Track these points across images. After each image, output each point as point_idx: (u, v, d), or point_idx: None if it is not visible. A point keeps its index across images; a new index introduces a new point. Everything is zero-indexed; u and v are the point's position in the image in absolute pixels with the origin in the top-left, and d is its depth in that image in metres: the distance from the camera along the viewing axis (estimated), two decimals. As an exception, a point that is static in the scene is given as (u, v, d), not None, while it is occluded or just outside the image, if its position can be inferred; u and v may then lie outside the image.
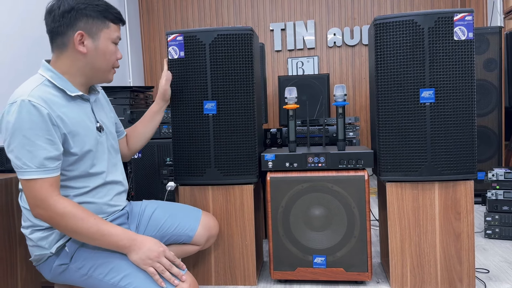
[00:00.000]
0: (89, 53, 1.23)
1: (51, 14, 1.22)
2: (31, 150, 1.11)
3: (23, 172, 1.12)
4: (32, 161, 1.11)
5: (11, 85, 2.43)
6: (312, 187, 1.65)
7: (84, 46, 1.22)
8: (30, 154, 1.11)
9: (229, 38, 1.63)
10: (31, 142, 1.11)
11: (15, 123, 1.11)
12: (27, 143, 1.11)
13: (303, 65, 4.35)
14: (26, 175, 1.12)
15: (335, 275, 1.66)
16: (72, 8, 1.21)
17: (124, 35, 4.22)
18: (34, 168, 1.11)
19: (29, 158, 1.11)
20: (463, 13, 1.51)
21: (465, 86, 1.52)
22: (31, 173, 1.12)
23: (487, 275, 1.73)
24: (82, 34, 1.21)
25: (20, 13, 2.65)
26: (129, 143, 1.56)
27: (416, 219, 1.61)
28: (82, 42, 1.22)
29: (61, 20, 1.21)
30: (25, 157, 1.11)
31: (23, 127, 1.11)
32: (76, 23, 1.21)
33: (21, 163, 1.12)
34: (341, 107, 1.70)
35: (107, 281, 1.18)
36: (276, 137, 2.34)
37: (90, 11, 1.22)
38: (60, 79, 1.22)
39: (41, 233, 1.21)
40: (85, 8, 1.21)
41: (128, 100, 2.89)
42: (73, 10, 1.20)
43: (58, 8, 1.21)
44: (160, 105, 1.59)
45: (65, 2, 1.21)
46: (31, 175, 1.12)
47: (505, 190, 2.15)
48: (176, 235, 1.48)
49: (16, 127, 1.11)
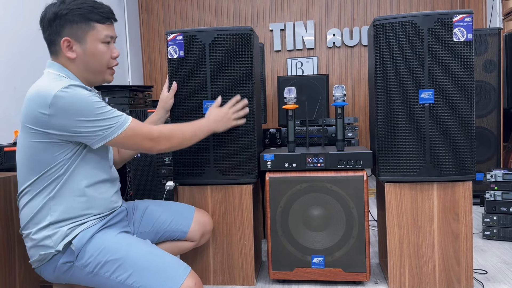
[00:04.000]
0: (78, 57, 1.25)
1: (41, 23, 1.26)
2: (103, 112, 1.18)
3: (116, 128, 1.19)
4: (112, 117, 1.19)
5: (9, 83, 2.42)
6: (311, 187, 1.65)
7: (73, 51, 1.24)
8: (106, 114, 1.18)
9: (229, 38, 1.63)
10: (97, 108, 1.17)
11: (75, 104, 1.14)
12: (96, 111, 1.17)
13: (303, 65, 4.36)
14: (121, 127, 1.20)
15: (333, 275, 1.66)
16: (56, 16, 1.22)
17: (124, 35, 4.22)
18: (120, 118, 1.21)
19: (108, 117, 1.18)
20: (462, 14, 1.51)
21: (464, 87, 1.53)
22: (123, 123, 1.21)
23: (485, 276, 1.74)
24: (68, 41, 1.23)
25: (18, 10, 2.64)
26: (120, 150, 1.56)
27: (414, 219, 1.61)
28: (70, 47, 1.23)
29: (49, 29, 1.24)
30: (104, 120, 1.18)
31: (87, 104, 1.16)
32: (62, 30, 1.23)
33: (105, 126, 1.18)
34: (340, 107, 1.70)
35: (114, 278, 1.18)
36: (275, 137, 2.34)
37: (73, 16, 1.22)
38: (74, 77, 1.25)
39: (46, 231, 1.20)
40: (67, 14, 1.22)
41: (127, 99, 2.89)
42: (56, 17, 1.22)
43: (45, 17, 1.24)
44: (160, 115, 1.62)
45: (50, 10, 1.23)
46: (125, 124, 1.21)
47: (503, 191, 2.16)
48: (170, 231, 1.48)
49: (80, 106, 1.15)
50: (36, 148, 1.18)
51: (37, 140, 1.18)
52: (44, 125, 1.15)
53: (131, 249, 1.21)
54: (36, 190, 1.21)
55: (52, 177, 1.20)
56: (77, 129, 1.16)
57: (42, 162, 1.19)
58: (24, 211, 1.24)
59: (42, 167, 1.19)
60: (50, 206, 1.21)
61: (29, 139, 1.19)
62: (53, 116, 1.14)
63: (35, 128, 1.17)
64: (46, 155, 1.19)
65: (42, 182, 1.20)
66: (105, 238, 1.23)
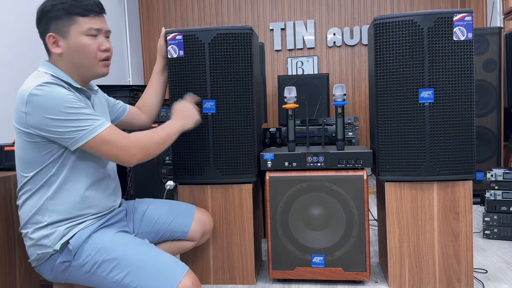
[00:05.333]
0: (64, 52, 1.24)
1: (36, 24, 1.27)
2: (76, 113, 1.15)
3: (89, 131, 1.15)
4: (86, 119, 1.15)
5: (11, 85, 2.42)
6: (311, 186, 1.65)
7: (59, 47, 1.24)
8: (79, 116, 1.15)
9: (229, 37, 1.63)
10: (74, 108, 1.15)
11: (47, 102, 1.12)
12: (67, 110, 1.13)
13: (303, 64, 4.35)
14: (94, 131, 1.16)
15: (333, 274, 1.66)
16: (42, 13, 1.24)
17: (124, 34, 4.22)
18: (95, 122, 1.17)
19: (82, 118, 1.15)
20: (462, 14, 1.51)
21: (464, 86, 1.53)
22: (97, 128, 1.17)
23: (485, 275, 1.74)
24: (53, 36, 1.23)
25: (20, 12, 2.64)
26: (145, 109, 1.63)
27: (414, 219, 1.61)
28: (56, 43, 1.24)
29: (39, 28, 1.26)
30: (76, 121, 1.15)
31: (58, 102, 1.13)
32: (49, 27, 1.23)
33: (77, 127, 1.15)
34: (340, 106, 1.70)
35: (110, 278, 1.18)
36: (275, 137, 2.34)
37: (56, 12, 1.22)
38: (63, 74, 1.24)
39: (44, 231, 1.21)
40: (50, 11, 1.22)
41: (127, 99, 2.89)
42: (43, 15, 1.23)
43: (36, 16, 1.25)
44: (161, 62, 1.67)
45: (39, 9, 1.25)
46: (99, 128, 1.17)
47: (503, 191, 2.15)
48: (171, 231, 1.48)
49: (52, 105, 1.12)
50: (26, 148, 1.19)
51: (25, 140, 1.18)
52: (24, 124, 1.16)
53: (128, 249, 1.21)
54: (32, 190, 1.21)
55: (45, 177, 1.20)
56: (50, 128, 1.14)
57: (32, 162, 1.20)
58: (22, 210, 1.24)
59: (33, 167, 1.20)
60: (48, 206, 1.21)
61: (20, 139, 1.20)
62: (29, 114, 1.14)
63: (19, 128, 1.18)
64: (34, 155, 1.19)
65: (36, 181, 1.21)
66: (102, 237, 1.23)
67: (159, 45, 1.67)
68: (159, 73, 1.68)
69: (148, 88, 1.67)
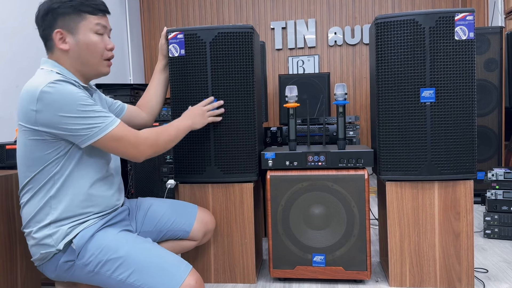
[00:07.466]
0: (72, 48, 1.24)
1: (36, 21, 1.27)
2: (88, 110, 1.16)
3: (102, 128, 1.17)
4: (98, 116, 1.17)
5: (11, 82, 2.43)
6: (312, 185, 1.65)
7: (66, 43, 1.24)
8: (91, 113, 1.16)
9: (230, 36, 1.63)
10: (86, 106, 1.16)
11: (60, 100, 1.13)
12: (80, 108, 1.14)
13: (304, 63, 4.35)
14: (107, 128, 1.18)
15: (334, 273, 1.66)
16: (48, 10, 1.23)
17: (125, 33, 4.22)
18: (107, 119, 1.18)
19: (94, 115, 1.16)
20: (464, 13, 1.51)
21: (465, 86, 1.52)
22: (109, 124, 1.18)
23: (486, 275, 1.74)
24: (61, 32, 1.23)
25: (20, 9, 2.65)
26: (146, 108, 1.63)
27: (415, 218, 1.61)
28: (63, 39, 1.23)
29: (43, 24, 1.25)
30: (89, 118, 1.16)
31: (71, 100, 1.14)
32: (55, 24, 1.23)
33: (90, 124, 1.16)
34: (341, 106, 1.70)
35: (115, 277, 1.18)
36: (276, 136, 2.34)
37: (64, 9, 1.22)
38: (67, 72, 1.24)
39: (47, 230, 1.20)
40: (59, 7, 1.22)
41: (128, 97, 2.89)
42: (49, 12, 1.23)
43: (39, 13, 1.25)
44: (162, 61, 1.68)
45: (42, 6, 1.24)
46: (111, 125, 1.19)
47: (504, 190, 2.15)
48: (173, 231, 1.49)
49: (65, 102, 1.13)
50: (30, 146, 1.19)
51: (30, 138, 1.18)
52: (33, 122, 1.15)
53: (132, 248, 1.21)
54: (35, 188, 1.21)
55: (48, 175, 1.20)
56: (62, 126, 1.14)
57: (36, 160, 1.19)
58: (25, 209, 1.24)
59: (37, 165, 1.20)
60: (51, 204, 1.21)
61: (24, 137, 1.19)
62: (40, 111, 1.13)
63: (27, 126, 1.17)
64: (39, 153, 1.19)
65: (39, 180, 1.20)
66: (106, 236, 1.23)
67: (161, 44, 1.68)
68: (160, 72, 1.68)
69: (149, 86, 1.67)
